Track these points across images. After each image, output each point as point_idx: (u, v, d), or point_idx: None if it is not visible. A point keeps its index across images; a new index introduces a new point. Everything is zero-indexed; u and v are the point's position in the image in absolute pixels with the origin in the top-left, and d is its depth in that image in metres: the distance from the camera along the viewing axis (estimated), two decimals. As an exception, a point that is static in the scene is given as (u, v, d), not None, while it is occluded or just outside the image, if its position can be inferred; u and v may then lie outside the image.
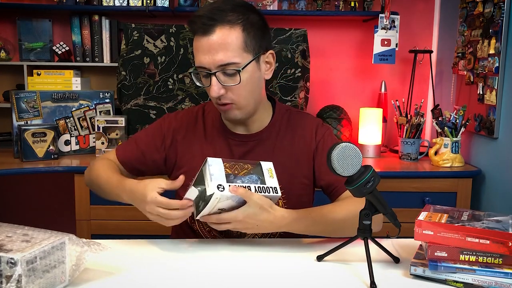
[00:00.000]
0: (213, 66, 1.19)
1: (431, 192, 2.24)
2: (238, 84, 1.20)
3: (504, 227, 1.02)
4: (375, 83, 2.82)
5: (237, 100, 1.24)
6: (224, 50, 1.18)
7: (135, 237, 1.33)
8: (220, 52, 1.18)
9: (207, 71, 1.21)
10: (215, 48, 1.18)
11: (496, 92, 2.12)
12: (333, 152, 1.02)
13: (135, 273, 1.06)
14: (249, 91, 1.24)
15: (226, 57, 1.18)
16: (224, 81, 1.21)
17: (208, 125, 1.38)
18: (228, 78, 1.21)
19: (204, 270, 1.08)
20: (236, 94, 1.23)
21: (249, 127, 1.35)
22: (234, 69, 1.19)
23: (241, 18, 1.20)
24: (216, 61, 1.18)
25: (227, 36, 1.18)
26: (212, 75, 1.20)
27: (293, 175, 1.32)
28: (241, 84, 1.21)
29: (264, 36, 1.26)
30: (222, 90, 1.21)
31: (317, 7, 2.63)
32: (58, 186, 2.75)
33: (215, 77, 1.20)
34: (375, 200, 1.06)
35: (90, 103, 2.49)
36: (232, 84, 1.21)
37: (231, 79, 1.21)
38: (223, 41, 1.18)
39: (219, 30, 1.18)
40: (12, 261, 0.84)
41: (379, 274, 1.04)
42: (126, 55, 2.41)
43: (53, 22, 2.71)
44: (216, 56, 1.18)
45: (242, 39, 1.19)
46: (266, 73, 1.29)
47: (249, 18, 1.22)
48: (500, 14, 2.09)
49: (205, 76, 1.24)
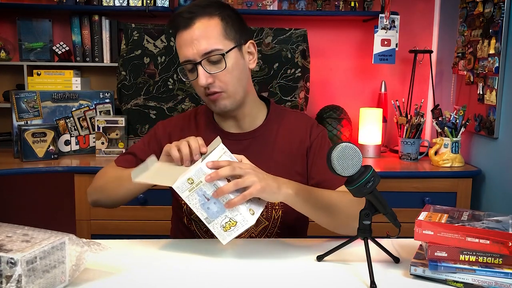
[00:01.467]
0: (197, 56, 1.22)
1: (431, 192, 2.24)
2: (224, 70, 1.23)
3: (504, 227, 1.02)
4: (375, 83, 2.82)
5: (225, 87, 1.25)
6: (206, 38, 1.22)
7: (135, 237, 1.33)
8: (202, 41, 1.21)
9: (192, 63, 1.23)
10: (197, 39, 1.22)
11: (496, 92, 2.12)
12: (333, 152, 1.02)
13: (135, 273, 1.06)
14: (236, 77, 1.26)
15: (209, 44, 1.21)
16: (210, 69, 1.23)
17: (201, 127, 1.39)
18: (213, 65, 1.24)
19: (204, 270, 1.08)
20: (224, 82, 1.25)
21: (241, 123, 1.35)
22: (218, 54, 1.22)
23: (218, 10, 1.25)
24: (200, 50, 1.21)
25: (207, 25, 1.22)
26: (198, 65, 1.23)
27: (288, 173, 1.32)
28: (227, 70, 1.23)
29: (242, 28, 1.30)
30: (209, 78, 1.23)
31: (317, 7, 2.63)
32: (58, 186, 2.75)
33: (201, 66, 1.23)
34: (375, 200, 1.06)
35: (90, 103, 2.49)
36: (218, 70, 1.23)
37: (216, 67, 1.24)
38: (203, 30, 1.22)
39: (198, 22, 1.22)
40: (12, 261, 0.84)
41: (379, 274, 1.04)
42: (126, 55, 2.41)
43: (53, 22, 2.71)
44: (199, 45, 1.21)
45: (222, 27, 1.24)
46: (250, 63, 1.32)
47: (225, 11, 1.26)
48: (500, 14, 2.09)
49: (191, 70, 1.27)
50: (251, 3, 2.68)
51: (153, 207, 2.21)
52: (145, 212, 2.22)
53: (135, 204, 2.20)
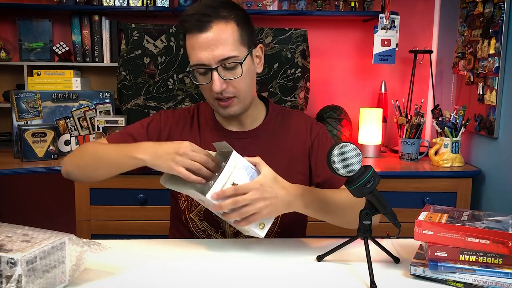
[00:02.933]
0: (213, 62, 1.20)
1: (431, 192, 2.24)
2: (239, 78, 1.22)
3: (504, 227, 1.02)
4: (375, 83, 2.82)
5: (237, 93, 1.25)
6: (223, 44, 1.19)
7: (135, 237, 1.33)
8: (219, 47, 1.19)
9: (206, 67, 1.21)
10: (213, 44, 1.19)
11: (496, 92, 2.12)
12: (333, 152, 1.02)
13: (135, 273, 1.06)
14: (248, 84, 1.27)
15: (226, 51, 1.20)
16: (224, 75, 1.22)
17: (202, 123, 1.39)
18: (228, 72, 1.22)
19: (204, 270, 1.08)
20: (237, 88, 1.24)
21: (243, 123, 1.36)
22: (236, 62, 1.21)
23: (233, 14, 1.22)
24: (216, 56, 1.19)
25: (224, 31, 1.20)
26: (214, 71, 1.21)
27: (289, 172, 1.32)
28: (242, 76, 1.23)
29: (253, 31, 1.29)
30: (224, 84, 1.22)
31: (317, 7, 2.63)
32: (58, 186, 2.75)
33: (216, 72, 1.21)
34: (375, 200, 1.06)
35: (90, 103, 2.49)
36: (233, 77, 1.23)
37: (231, 73, 1.23)
38: (221, 36, 1.19)
39: (215, 26, 1.19)
40: (12, 261, 0.84)
41: (379, 274, 1.04)
42: (126, 55, 2.41)
43: (53, 22, 2.71)
44: (216, 51, 1.19)
45: (238, 33, 1.22)
46: (258, 67, 1.33)
47: (239, 14, 1.24)
48: (500, 14, 2.09)
49: (203, 74, 1.24)
50: (251, 3, 2.68)
51: (153, 207, 2.21)
52: (145, 212, 2.22)
53: (135, 204, 2.21)
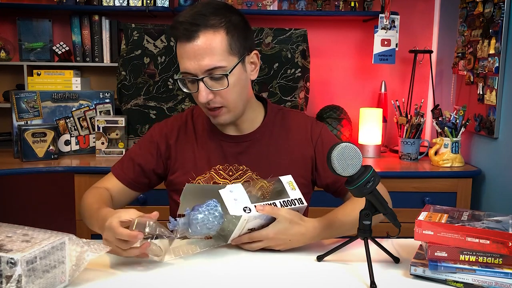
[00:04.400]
0: (199, 72, 1.18)
1: (431, 192, 2.24)
2: (226, 88, 1.20)
3: (504, 227, 1.02)
4: (375, 83, 2.82)
5: (226, 103, 1.23)
6: (210, 54, 1.16)
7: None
8: (205, 57, 1.16)
9: (193, 76, 1.19)
10: (200, 54, 1.16)
11: (496, 92, 2.12)
12: (333, 152, 1.02)
13: (135, 273, 1.06)
14: (237, 93, 1.24)
15: (212, 61, 1.17)
16: (211, 86, 1.20)
17: (198, 129, 1.38)
18: (216, 82, 1.20)
19: (204, 270, 1.08)
20: (225, 98, 1.22)
21: (240, 127, 1.35)
22: (221, 73, 1.18)
23: (223, 21, 1.19)
24: (202, 67, 1.17)
25: (212, 40, 1.17)
26: (200, 81, 1.19)
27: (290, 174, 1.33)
28: (229, 87, 1.20)
29: (247, 37, 1.25)
30: (210, 95, 1.20)
31: (317, 7, 2.63)
32: (58, 186, 2.75)
33: (202, 82, 1.19)
34: (375, 200, 1.06)
35: (90, 103, 2.49)
36: (220, 88, 1.20)
37: (218, 83, 1.20)
38: (208, 46, 1.16)
39: (202, 35, 1.16)
40: (12, 261, 0.84)
41: (379, 274, 1.04)
42: (126, 55, 2.41)
43: (53, 22, 2.71)
44: (202, 61, 1.17)
45: (227, 42, 1.18)
46: (252, 73, 1.29)
47: (231, 20, 1.20)
48: (500, 14, 2.09)
49: (191, 82, 1.22)
50: (251, 3, 2.68)
51: (153, 207, 2.20)
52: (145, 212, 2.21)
53: (135, 204, 2.20)
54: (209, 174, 1.33)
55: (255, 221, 1.12)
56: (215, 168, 1.33)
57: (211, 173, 1.33)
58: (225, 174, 1.32)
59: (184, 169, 1.34)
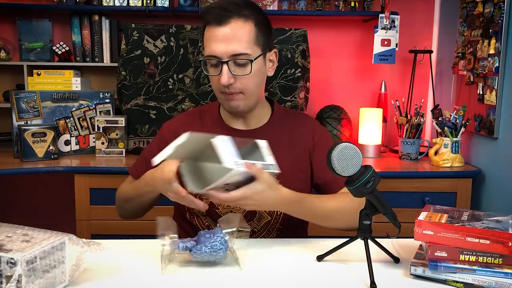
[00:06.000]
0: (225, 55, 1.24)
1: (431, 192, 2.24)
2: (247, 75, 1.25)
3: (504, 227, 1.02)
4: (375, 83, 2.82)
5: (244, 89, 1.28)
6: (238, 40, 1.23)
7: (135, 237, 1.33)
8: (234, 42, 1.23)
9: (218, 59, 1.24)
10: (229, 38, 1.23)
11: (496, 92, 2.12)
12: (333, 152, 1.02)
13: (135, 273, 1.06)
14: (256, 83, 1.30)
15: (240, 47, 1.23)
16: (234, 70, 1.25)
17: (206, 124, 1.41)
18: (238, 68, 1.26)
19: (205, 270, 1.08)
20: (244, 84, 1.28)
21: (248, 122, 1.39)
22: (247, 59, 1.24)
23: (253, 15, 1.27)
24: (229, 51, 1.23)
25: (242, 28, 1.24)
26: (224, 64, 1.24)
27: (292, 170, 1.35)
28: (250, 74, 1.26)
29: (270, 35, 1.33)
30: (232, 79, 1.26)
31: (317, 7, 2.63)
32: (58, 186, 2.75)
33: (226, 65, 1.24)
34: (375, 200, 1.06)
35: (90, 103, 2.49)
36: (242, 74, 1.26)
37: (241, 69, 1.26)
38: (237, 32, 1.23)
39: (234, 22, 1.23)
40: (12, 261, 0.84)
41: (379, 274, 1.04)
42: (126, 55, 2.41)
43: (53, 22, 2.71)
44: (230, 45, 1.23)
45: (254, 33, 1.26)
46: (269, 70, 1.36)
47: (259, 16, 1.28)
48: (500, 14, 2.09)
49: (214, 65, 1.28)
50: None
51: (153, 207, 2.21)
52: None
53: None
54: None
55: (236, 177, 1.10)
56: None
57: None
58: None
59: None
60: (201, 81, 2.43)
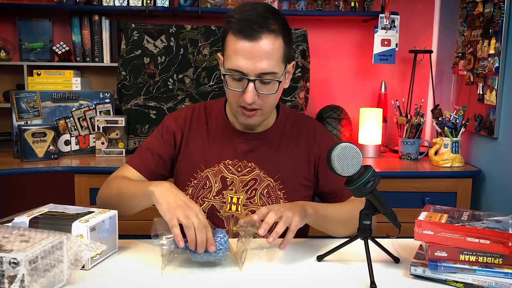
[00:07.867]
0: (252, 73, 1.18)
1: (431, 192, 2.24)
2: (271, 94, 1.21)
3: (504, 227, 1.02)
4: (375, 83, 2.82)
5: (263, 106, 1.24)
6: (269, 59, 1.17)
7: (135, 237, 1.33)
8: (264, 60, 1.16)
9: (244, 76, 1.19)
10: (259, 56, 1.16)
11: (496, 92, 2.12)
12: (333, 152, 1.02)
13: (135, 273, 1.06)
14: (275, 99, 1.27)
15: (269, 66, 1.17)
16: (259, 88, 1.20)
17: (211, 122, 1.39)
18: (264, 86, 1.21)
19: (205, 270, 1.08)
20: (265, 102, 1.24)
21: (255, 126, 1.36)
22: (274, 79, 1.20)
23: (281, 27, 1.19)
24: (257, 69, 1.17)
25: (273, 45, 1.17)
26: (251, 82, 1.18)
27: (295, 176, 1.35)
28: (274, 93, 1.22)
29: (291, 45, 1.27)
30: (256, 97, 1.21)
31: (317, 7, 2.63)
32: (58, 186, 2.75)
33: (253, 84, 1.18)
34: (375, 200, 1.06)
35: (90, 103, 2.49)
36: (267, 92, 1.21)
37: (266, 88, 1.21)
38: (267, 50, 1.16)
39: (265, 38, 1.16)
40: (15, 261, 0.84)
41: (379, 274, 1.04)
42: (126, 55, 2.41)
43: (53, 22, 2.71)
44: (259, 64, 1.16)
45: (283, 50, 1.20)
46: (286, 82, 1.31)
47: (284, 28, 1.21)
48: (500, 14, 2.09)
49: (237, 79, 1.21)
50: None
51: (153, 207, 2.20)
52: (145, 212, 2.21)
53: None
54: (218, 167, 1.34)
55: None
56: (225, 163, 1.34)
57: (220, 166, 1.34)
58: (234, 169, 1.34)
59: (193, 160, 1.36)
60: (201, 81, 2.43)
